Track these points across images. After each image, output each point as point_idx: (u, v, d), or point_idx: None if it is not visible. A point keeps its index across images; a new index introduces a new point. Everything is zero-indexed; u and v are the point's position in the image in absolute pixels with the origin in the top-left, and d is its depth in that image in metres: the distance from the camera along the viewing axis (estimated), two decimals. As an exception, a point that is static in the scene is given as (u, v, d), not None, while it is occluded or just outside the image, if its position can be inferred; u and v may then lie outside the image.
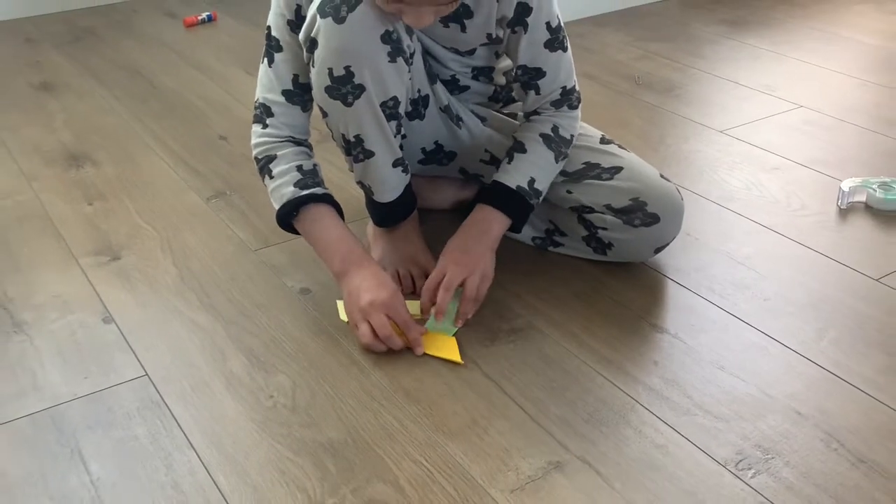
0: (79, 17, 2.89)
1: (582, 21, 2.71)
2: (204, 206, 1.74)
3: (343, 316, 1.38)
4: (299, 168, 1.36)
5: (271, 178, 1.37)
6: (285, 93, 1.37)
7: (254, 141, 1.40)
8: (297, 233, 1.40)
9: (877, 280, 1.47)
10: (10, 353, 1.34)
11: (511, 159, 1.41)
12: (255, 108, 1.40)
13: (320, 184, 1.38)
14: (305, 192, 1.34)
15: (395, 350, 1.30)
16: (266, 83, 1.38)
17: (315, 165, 1.39)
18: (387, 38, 1.26)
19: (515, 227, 1.43)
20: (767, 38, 2.57)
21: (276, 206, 1.37)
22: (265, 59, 1.37)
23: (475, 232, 1.39)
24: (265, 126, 1.38)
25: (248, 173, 1.84)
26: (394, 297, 1.31)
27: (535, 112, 1.44)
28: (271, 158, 1.37)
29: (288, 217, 1.37)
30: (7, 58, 2.55)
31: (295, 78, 1.36)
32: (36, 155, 1.95)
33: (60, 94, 2.27)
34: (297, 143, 1.40)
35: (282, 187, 1.36)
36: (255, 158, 1.40)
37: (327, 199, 1.37)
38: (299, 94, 1.37)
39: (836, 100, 2.15)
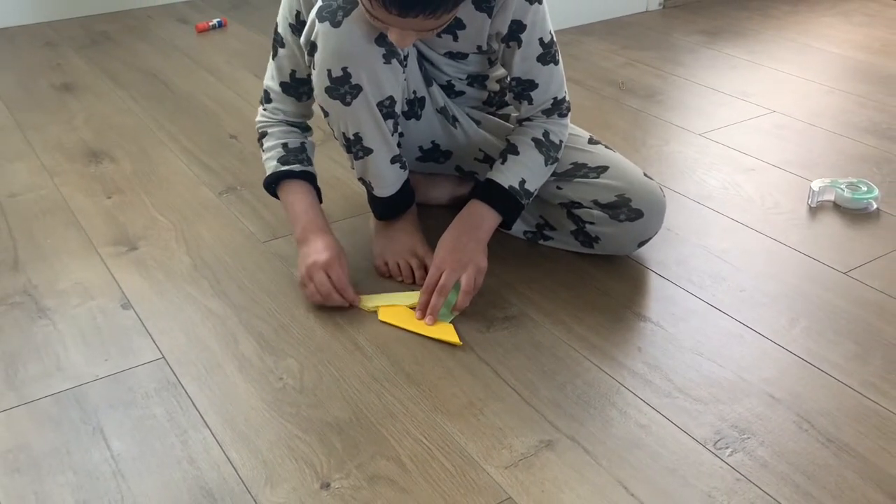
0: (95, 22, 2.87)
1: (569, 30, 2.71)
2: (216, 201, 1.73)
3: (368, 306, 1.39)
4: (284, 146, 1.44)
5: (263, 150, 1.47)
6: (283, 85, 1.43)
7: (256, 118, 1.50)
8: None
9: (844, 273, 1.48)
10: (35, 336, 1.34)
11: (504, 160, 1.41)
12: (263, 89, 1.47)
13: (303, 161, 1.45)
14: (285, 167, 1.43)
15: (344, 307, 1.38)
16: (270, 72, 1.45)
17: (303, 143, 1.47)
18: (381, 41, 1.27)
19: (506, 225, 1.43)
20: (743, 47, 2.58)
21: (265, 176, 1.46)
22: (272, 52, 1.43)
23: (468, 226, 1.39)
24: (265, 108, 1.47)
25: (257, 170, 1.83)
26: (333, 260, 1.36)
27: (528, 119, 1.44)
28: (264, 134, 1.47)
29: (270, 188, 1.46)
30: (30, 60, 2.53)
31: (292, 73, 1.41)
32: (58, 151, 1.95)
33: (80, 95, 2.26)
34: (290, 124, 1.47)
35: (268, 161, 1.45)
36: (256, 131, 1.49)
37: (303, 176, 1.44)
38: (294, 87, 1.43)
39: (806, 106, 2.16)
